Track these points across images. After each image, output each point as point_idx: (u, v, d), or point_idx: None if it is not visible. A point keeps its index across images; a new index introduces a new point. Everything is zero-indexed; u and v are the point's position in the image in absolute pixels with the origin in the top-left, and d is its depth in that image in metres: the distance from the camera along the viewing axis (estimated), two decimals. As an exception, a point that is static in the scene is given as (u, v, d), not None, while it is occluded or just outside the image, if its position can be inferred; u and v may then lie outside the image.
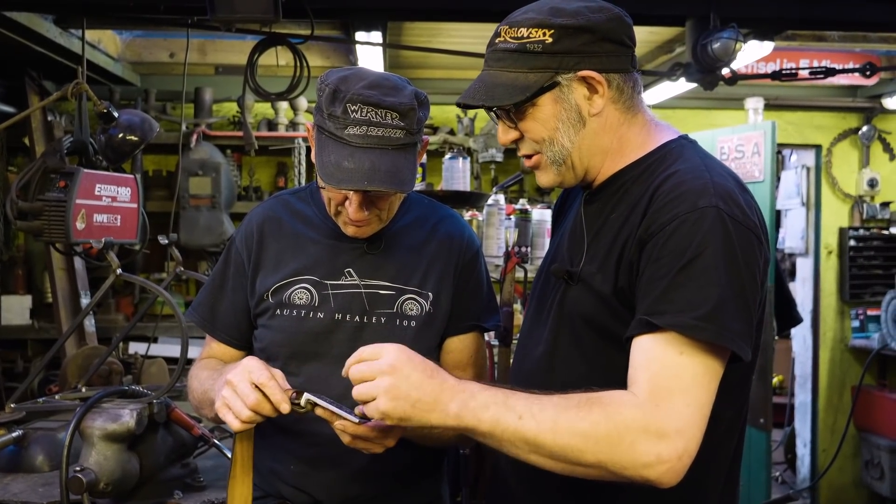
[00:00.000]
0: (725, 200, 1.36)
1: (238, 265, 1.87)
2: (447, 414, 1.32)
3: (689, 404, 1.29)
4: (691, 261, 1.32)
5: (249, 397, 1.46)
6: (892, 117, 6.11)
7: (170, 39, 5.23)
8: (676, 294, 1.32)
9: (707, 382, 1.31)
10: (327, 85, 1.64)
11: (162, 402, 2.01)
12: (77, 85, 3.14)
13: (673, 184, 1.40)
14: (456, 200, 3.40)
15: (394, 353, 1.36)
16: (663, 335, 1.32)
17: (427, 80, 5.51)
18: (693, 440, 1.28)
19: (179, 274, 2.82)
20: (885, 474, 5.72)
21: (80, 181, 2.93)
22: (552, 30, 1.43)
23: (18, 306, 4.89)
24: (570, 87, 1.46)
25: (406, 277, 1.81)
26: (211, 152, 5.05)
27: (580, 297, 1.51)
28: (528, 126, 1.50)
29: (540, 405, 1.31)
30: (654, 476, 1.27)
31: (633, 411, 1.28)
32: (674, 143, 1.53)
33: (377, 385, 1.33)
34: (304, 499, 1.80)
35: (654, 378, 1.30)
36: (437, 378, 1.35)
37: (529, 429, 1.30)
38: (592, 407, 1.30)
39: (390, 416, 1.33)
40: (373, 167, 1.59)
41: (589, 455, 1.28)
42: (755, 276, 1.37)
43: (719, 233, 1.33)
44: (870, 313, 6.01)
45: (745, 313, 1.34)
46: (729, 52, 3.58)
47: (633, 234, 1.42)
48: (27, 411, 2.38)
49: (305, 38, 3.68)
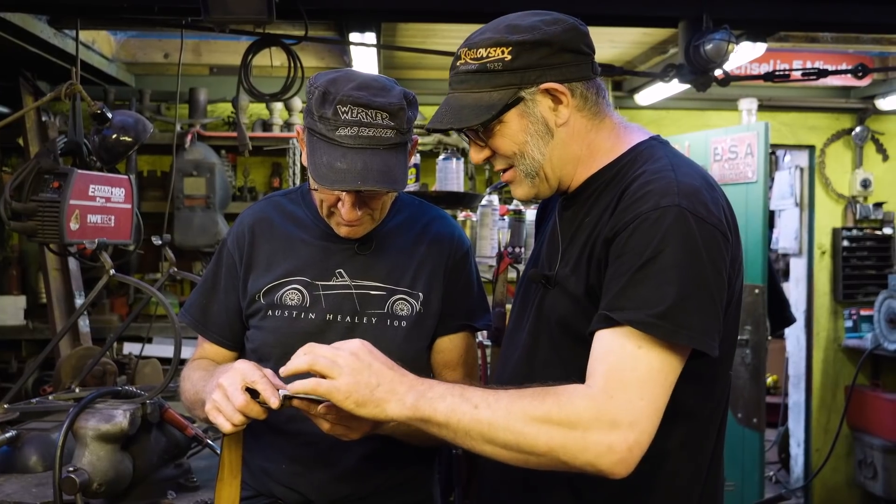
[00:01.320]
0: (689, 198, 1.38)
1: (230, 266, 1.88)
2: (404, 404, 1.34)
3: (642, 397, 1.30)
4: (650, 259, 1.34)
5: (238, 400, 1.47)
6: (884, 118, 6.13)
7: (164, 40, 5.22)
8: (634, 291, 1.34)
9: (663, 378, 1.33)
10: (317, 87, 1.65)
11: (155, 403, 2.01)
12: (71, 85, 3.15)
13: (639, 184, 1.43)
14: (450, 201, 3.41)
15: (357, 342, 1.40)
16: (621, 329, 1.34)
17: (421, 80, 5.52)
18: (645, 433, 1.30)
19: (173, 274, 2.82)
20: (878, 474, 5.74)
21: (74, 182, 2.93)
22: (510, 47, 1.45)
23: (13, 307, 4.88)
24: (534, 101, 1.48)
25: (397, 278, 1.82)
26: (205, 153, 5.04)
27: (556, 300, 1.53)
28: (498, 143, 1.52)
29: (495, 396, 1.34)
30: (606, 466, 1.29)
31: (587, 401, 1.30)
32: (644, 145, 1.55)
33: (339, 364, 1.36)
34: (295, 498, 1.80)
35: (610, 370, 1.32)
36: (397, 370, 1.39)
37: (484, 417, 1.31)
38: (546, 397, 1.32)
39: (348, 396, 1.34)
40: (365, 167, 1.60)
41: (541, 443, 1.30)
42: (720, 272, 1.38)
43: (680, 231, 1.35)
44: (863, 313, 6.03)
45: (709, 308, 1.35)
46: (722, 53, 3.59)
47: (602, 233, 1.44)
48: (21, 412, 2.38)
49: (299, 39, 3.69)
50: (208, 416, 1.52)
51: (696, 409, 1.47)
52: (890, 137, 6.16)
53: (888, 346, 5.57)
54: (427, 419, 1.34)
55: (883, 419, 5.76)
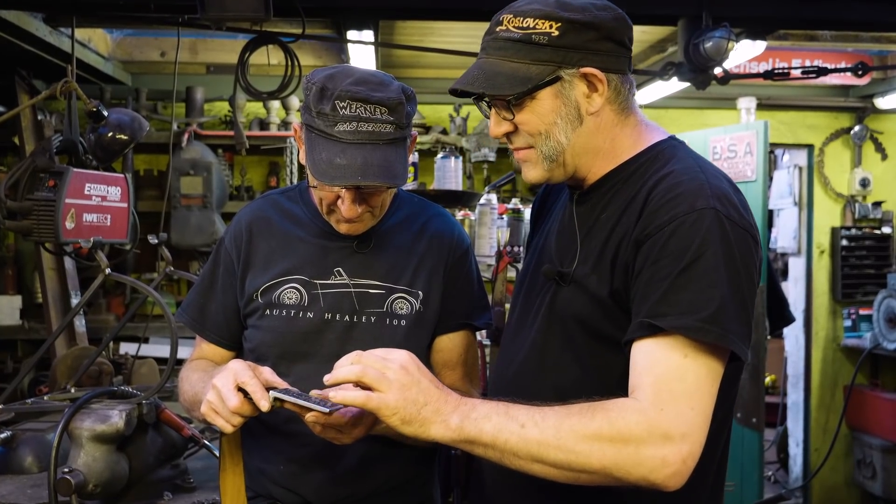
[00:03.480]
0: (722, 202, 1.36)
1: (227, 265, 1.87)
2: (448, 426, 1.31)
3: (692, 407, 1.29)
4: (692, 263, 1.31)
5: (232, 400, 1.46)
6: (883, 117, 6.12)
7: (161, 38, 5.21)
8: (678, 296, 1.31)
9: (710, 385, 1.31)
10: (314, 83, 1.63)
11: (151, 403, 2.00)
12: (66, 83, 3.13)
13: (669, 185, 1.40)
14: (448, 200, 3.40)
15: (405, 355, 1.36)
16: (666, 338, 1.31)
17: (419, 79, 5.50)
18: (697, 443, 1.28)
19: (170, 274, 2.80)
20: (877, 473, 5.73)
21: (70, 180, 2.92)
22: (559, 23, 1.41)
23: (8, 306, 4.87)
24: (571, 84, 1.44)
25: (396, 276, 1.81)
26: (202, 152, 5.03)
27: (573, 298, 1.49)
28: (526, 119, 1.47)
29: (542, 414, 1.30)
30: (660, 480, 1.27)
31: (637, 416, 1.28)
32: (664, 144, 1.53)
33: (389, 378, 1.31)
34: (293, 499, 1.79)
35: (657, 382, 1.30)
36: (443, 389, 1.36)
37: (532, 436, 1.29)
38: (595, 413, 1.29)
39: (395, 412, 1.30)
40: (365, 162, 1.59)
41: (594, 461, 1.27)
42: (752, 277, 1.37)
43: (717, 234, 1.32)
44: (862, 313, 6.02)
45: (743, 314, 1.34)
46: (721, 51, 3.58)
47: (628, 234, 1.41)
48: (16, 412, 2.36)
49: (297, 37, 3.67)
50: (205, 417, 1.51)
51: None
52: (889, 136, 6.15)
53: (887, 346, 5.57)
54: (473, 440, 1.32)
55: (882, 419, 5.75)
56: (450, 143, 5.11)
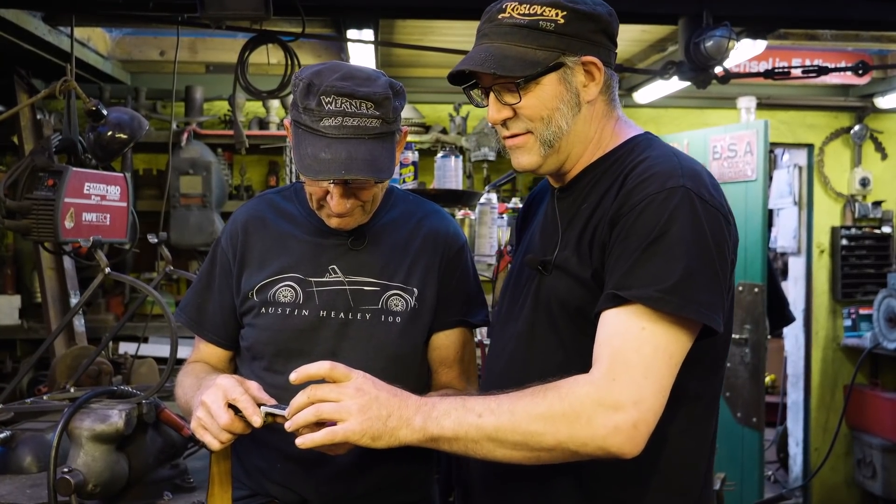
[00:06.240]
0: (693, 180, 1.40)
1: (224, 265, 1.87)
2: (413, 428, 1.35)
3: (646, 376, 1.31)
4: (658, 237, 1.35)
5: (223, 417, 1.47)
6: (884, 116, 6.12)
7: (160, 37, 5.20)
8: (643, 269, 1.34)
9: (668, 357, 1.33)
10: (301, 80, 1.64)
11: (151, 403, 1.99)
12: (66, 82, 3.13)
13: (643, 167, 1.44)
14: (448, 199, 3.40)
15: (358, 376, 1.39)
16: (628, 308, 1.34)
17: (419, 78, 5.50)
18: (650, 411, 1.30)
19: (169, 273, 2.80)
20: (877, 473, 5.73)
21: (69, 180, 2.91)
22: (565, 11, 1.46)
23: (8, 306, 4.86)
24: (573, 71, 1.49)
25: (390, 273, 1.81)
26: (202, 151, 5.03)
27: (556, 284, 1.52)
28: (529, 103, 1.49)
29: (497, 401, 1.35)
30: (615, 447, 1.29)
31: (587, 387, 1.31)
32: (640, 137, 1.58)
33: (347, 406, 1.35)
34: (291, 497, 1.79)
35: (614, 353, 1.33)
36: (401, 395, 1.39)
37: (489, 424, 1.32)
38: (547, 392, 1.33)
39: (364, 434, 1.34)
40: (349, 156, 1.59)
41: (549, 437, 1.30)
42: (724, 253, 1.40)
43: (687, 210, 1.36)
44: (862, 312, 6.02)
45: (715, 285, 1.36)
46: (722, 50, 3.58)
47: (605, 216, 1.44)
48: (15, 412, 2.36)
49: (296, 36, 3.66)
50: (195, 433, 1.52)
51: (697, 394, 1.48)
52: (889, 136, 6.15)
53: (887, 345, 5.57)
54: (437, 438, 1.35)
55: (882, 418, 5.75)
56: (450, 143, 5.10)
